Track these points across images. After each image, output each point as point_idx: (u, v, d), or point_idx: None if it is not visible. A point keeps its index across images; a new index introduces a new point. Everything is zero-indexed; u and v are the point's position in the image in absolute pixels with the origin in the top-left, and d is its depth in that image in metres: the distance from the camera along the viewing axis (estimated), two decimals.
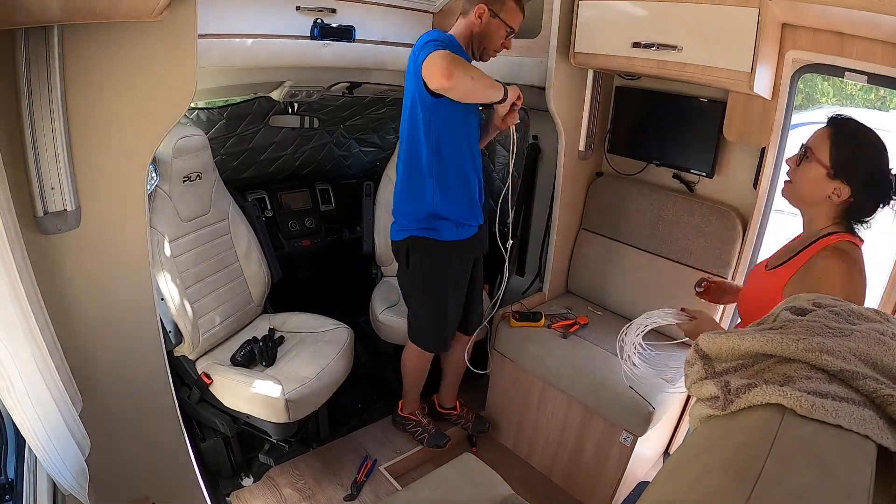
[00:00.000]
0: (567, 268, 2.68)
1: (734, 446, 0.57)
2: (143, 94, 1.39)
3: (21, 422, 1.00)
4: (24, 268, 1.11)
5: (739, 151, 2.11)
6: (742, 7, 1.63)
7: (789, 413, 0.56)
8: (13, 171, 1.20)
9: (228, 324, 2.29)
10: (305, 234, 3.03)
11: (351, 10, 2.19)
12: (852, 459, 0.51)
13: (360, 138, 3.22)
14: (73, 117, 1.30)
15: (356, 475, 2.31)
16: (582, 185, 2.56)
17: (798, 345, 0.62)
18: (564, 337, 2.30)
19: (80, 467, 1.20)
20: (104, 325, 1.52)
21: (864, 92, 3.48)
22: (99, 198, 1.41)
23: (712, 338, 0.72)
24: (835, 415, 0.54)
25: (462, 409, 2.59)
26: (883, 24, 1.40)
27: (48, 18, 1.14)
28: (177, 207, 2.06)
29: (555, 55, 2.14)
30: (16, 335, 0.96)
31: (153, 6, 1.21)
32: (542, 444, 2.40)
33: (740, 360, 0.68)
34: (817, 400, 0.55)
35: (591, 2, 2.01)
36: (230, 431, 2.09)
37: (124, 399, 1.63)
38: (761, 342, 0.65)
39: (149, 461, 1.76)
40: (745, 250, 2.11)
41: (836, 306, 0.72)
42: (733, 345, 0.69)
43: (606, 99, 2.43)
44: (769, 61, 1.73)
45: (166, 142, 1.93)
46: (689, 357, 0.76)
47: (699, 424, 0.67)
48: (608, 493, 2.16)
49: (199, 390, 2.07)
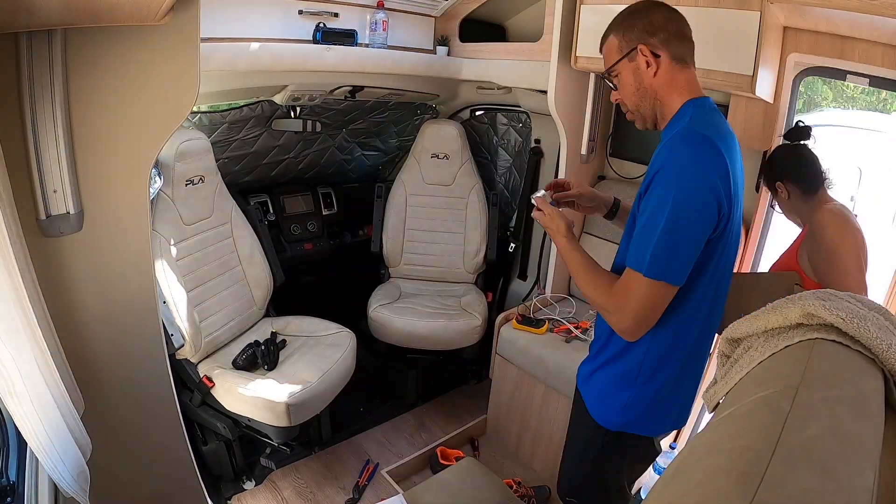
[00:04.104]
0: (569, 271, 2.67)
1: (737, 450, 0.56)
2: (145, 97, 1.40)
3: (23, 424, 1.00)
4: (27, 270, 1.12)
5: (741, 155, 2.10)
6: (744, 10, 1.63)
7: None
8: (16, 173, 1.20)
9: (230, 327, 2.29)
10: (308, 237, 3.03)
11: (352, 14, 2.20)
12: (855, 462, 0.51)
13: (362, 142, 3.23)
14: (75, 120, 1.30)
15: (358, 479, 2.30)
16: None
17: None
18: (567, 341, 2.29)
19: (81, 470, 1.20)
20: (106, 328, 1.52)
21: (865, 95, 3.48)
22: (101, 201, 1.41)
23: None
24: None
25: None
26: (883, 26, 1.40)
27: (51, 22, 1.14)
28: (179, 211, 2.07)
29: (556, 59, 2.14)
30: (18, 337, 0.96)
31: (156, 10, 1.22)
32: (545, 448, 2.40)
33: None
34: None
35: (592, 6, 2.01)
36: (232, 435, 2.09)
37: (126, 402, 1.63)
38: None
39: (150, 464, 1.76)
40: (747, 254, 2.10)
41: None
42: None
43: (608, 103, 2.43)
44: (771, 65, 1.73)
45: (169, 145, 1.93)
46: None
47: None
48: None
49: (200, 393, 2.07)
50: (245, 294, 2.37)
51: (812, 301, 0.78)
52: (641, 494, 2.32)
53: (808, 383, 0.63)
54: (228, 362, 2.16)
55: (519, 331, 2.37)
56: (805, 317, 0.78)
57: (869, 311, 0.76)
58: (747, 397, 0.69)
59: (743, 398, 0.71)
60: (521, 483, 2.27)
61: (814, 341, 0.74)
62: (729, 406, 0.72)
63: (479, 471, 1.77)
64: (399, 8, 2.41)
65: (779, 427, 0.55)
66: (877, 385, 0.67)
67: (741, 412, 0.66)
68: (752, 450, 0.53)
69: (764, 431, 0.56)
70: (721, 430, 0.63)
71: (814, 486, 0.48)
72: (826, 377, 0.67)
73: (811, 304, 0.77)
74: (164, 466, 1.81)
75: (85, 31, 1.25)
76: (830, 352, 0.72)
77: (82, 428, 1.24)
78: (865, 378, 0.67)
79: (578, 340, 2.29)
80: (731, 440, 0.60)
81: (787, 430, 0.54)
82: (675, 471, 0.62)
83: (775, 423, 0.56)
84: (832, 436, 0.54)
